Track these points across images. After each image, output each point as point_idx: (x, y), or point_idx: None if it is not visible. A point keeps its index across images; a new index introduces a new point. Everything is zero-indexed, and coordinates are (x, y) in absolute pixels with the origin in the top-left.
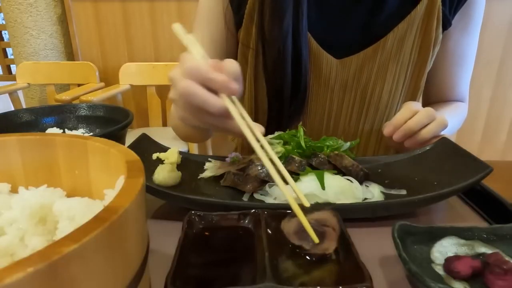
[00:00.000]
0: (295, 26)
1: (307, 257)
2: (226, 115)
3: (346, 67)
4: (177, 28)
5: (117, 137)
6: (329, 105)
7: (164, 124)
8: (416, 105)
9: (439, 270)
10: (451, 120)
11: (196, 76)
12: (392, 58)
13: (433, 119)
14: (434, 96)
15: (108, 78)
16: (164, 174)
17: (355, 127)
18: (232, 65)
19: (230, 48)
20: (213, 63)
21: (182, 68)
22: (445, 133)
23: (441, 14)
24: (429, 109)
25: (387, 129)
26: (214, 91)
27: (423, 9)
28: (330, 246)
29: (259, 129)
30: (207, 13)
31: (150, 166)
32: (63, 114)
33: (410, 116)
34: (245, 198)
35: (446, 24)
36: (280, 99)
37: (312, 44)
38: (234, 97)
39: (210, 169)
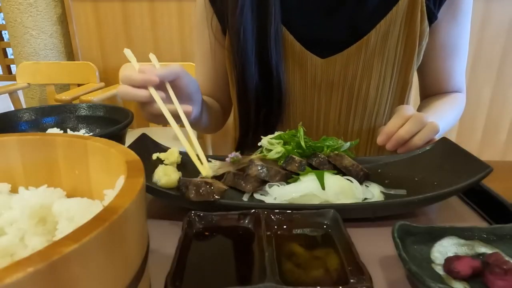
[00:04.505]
0: (262, 29)
1: None
2: (152, 100)
3: (331, 66)
4: (127, 52)
5: (117, 137)
6: (318, 104)
7: (164, 124)
8: (408, 110)
9: (439, 270)
10: (447, 118)
11: (126, 81)
12: (377, 55)
13: (424, 125)
14: (431, 88)
15: (108, 78)
16: (165, 175)
17: (345, 124)
18: (171, 66)
19: (219, 58)
20: (141, 68)
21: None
22: (446, 129)
23: (425, 8)
24: (419, 116)
25: (380, 138)
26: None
27: (405, 4)
28: None
29: (184, 108)
30: (197, 26)
31: (150, 166)
32: (63, 114)
33: (402, 123)
34: (245, 198)
35: (432, 18)
36: (246, 101)
37: (295, 46)
38: (170, 90)
39: (210, 169)
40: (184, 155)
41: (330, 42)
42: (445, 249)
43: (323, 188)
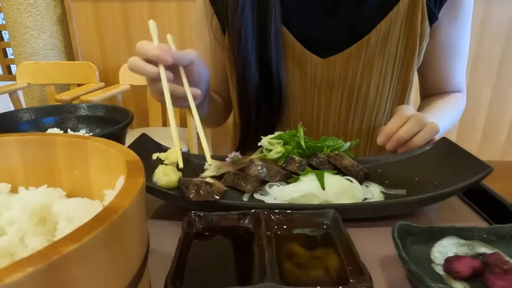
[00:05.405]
0: (262, 29)
1: None
2: (160, 78)
3: (331, 66)
4: (152, 24)
5: (117, 137)
6: (317, 104)
7: (164, 124)
8: (408, 110)
9: (439, 270)
10: (447, 118)
11: (140, 52)
12: (377, 55)
13: (424, 125)
14: (431, 88)
15: (108, 78)
16: (165, 175)
17: (345, 124)
18: (187, 51)
19: (219, 57)
20: (159, 45)
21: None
22: (446, 129)
23: (425, 8)
24: (419, 116)
25: (380, 138)
26: (155, 63)
27: (406, 4)
28: None
29: (193, 91)
30: (197, 26)
31: (150, 166)
32: (63, 114)
33: (402, 123)
34: (245, 198)
35: (432, 18)
36: (247, 101)
37: (295, 46)
38: (183, 74)
39: (210, 169)
40: (184, 155)
41: (330, 42)
42: (445, 249)
43: (323, 188)
